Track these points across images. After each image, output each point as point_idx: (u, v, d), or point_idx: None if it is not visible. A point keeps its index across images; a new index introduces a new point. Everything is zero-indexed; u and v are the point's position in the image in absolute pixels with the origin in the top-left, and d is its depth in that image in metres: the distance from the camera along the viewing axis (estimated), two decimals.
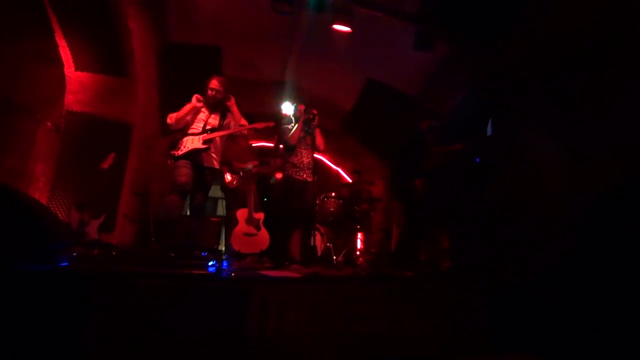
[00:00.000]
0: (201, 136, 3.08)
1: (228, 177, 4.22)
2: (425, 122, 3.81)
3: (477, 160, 3.93)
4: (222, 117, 3.23)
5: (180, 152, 3.03)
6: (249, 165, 4.30)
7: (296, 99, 3.81)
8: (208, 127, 3.14)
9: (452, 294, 2.33)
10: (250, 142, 4.61)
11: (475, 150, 3.87)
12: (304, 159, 3.56)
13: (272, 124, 3.31)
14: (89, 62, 4.04)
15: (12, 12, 3.29)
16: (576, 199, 3.31)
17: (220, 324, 1.82)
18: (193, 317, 1.79)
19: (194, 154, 3.04)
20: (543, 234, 2.83)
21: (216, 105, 3.23)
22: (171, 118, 3.09)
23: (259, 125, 3.26)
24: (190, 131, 3.11)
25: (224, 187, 4.31)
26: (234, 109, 3.20)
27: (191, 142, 3.05)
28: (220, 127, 3.19)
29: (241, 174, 4.24)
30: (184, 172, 2.98)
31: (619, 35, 3.10)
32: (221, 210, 7.76)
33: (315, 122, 3.55)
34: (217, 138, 3.16)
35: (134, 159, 4.38)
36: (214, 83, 3.17)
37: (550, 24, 3.61)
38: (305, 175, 3.53)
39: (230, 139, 3.80)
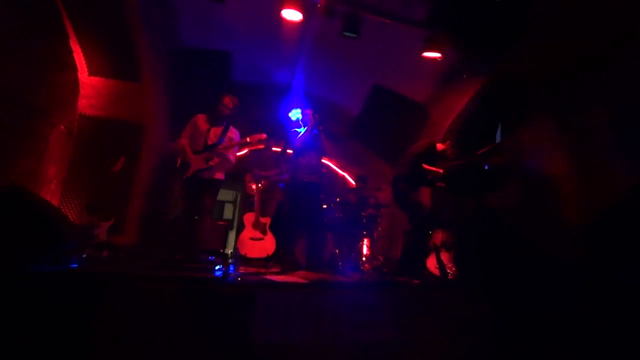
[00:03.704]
0: (204, 155, 3.27)
1: (251, 185, 4.41)
2: (445, 144, 3.74)
3: (486, 167, 3.90)
4: (224, 131, 3.37)
5: (189, 174, 3.25)
6: (271, 173, 4.42)
7: (304, 104, 3.84)
8: (208, 142, 3.32)
9: (459, 302, 2.30)
10: (273, 151, 4.72)
11: (484, 157, 3.83)
12: (312, 160, 3.60)
13: (264, 136, 3.36)
14: (102, 67, 4.11)
15: (28, 17, 3.37)
16: (587, 206, 3.26)
17: (226, 328, 1.83)
18: (199, 320, 1.80)
19: (199, 172, 3.28)
20: (552, 241, 2.79)
21: (221, 119, 3.39)
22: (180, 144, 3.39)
23: (253, 139, 3.34)
24: (193, 148, 3.31)
25: (247, 193, 4.45)
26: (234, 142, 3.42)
27: (195, 162, 3.26)
28: (219, 142, 3.34)
29: (262, 181, 4.42)
30: (190, 199, 3.26)
31: (627, 42, 3.06)
32: (228, 213, 7.82)
33: (321, 126, 3.60)
34: (215, 156, 3.33)
35: (144, 163, 4.44)
36: (227, 100, 3.39)
37: (560, 29, 3.58)
38: (314, 178, 3.56)
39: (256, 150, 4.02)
